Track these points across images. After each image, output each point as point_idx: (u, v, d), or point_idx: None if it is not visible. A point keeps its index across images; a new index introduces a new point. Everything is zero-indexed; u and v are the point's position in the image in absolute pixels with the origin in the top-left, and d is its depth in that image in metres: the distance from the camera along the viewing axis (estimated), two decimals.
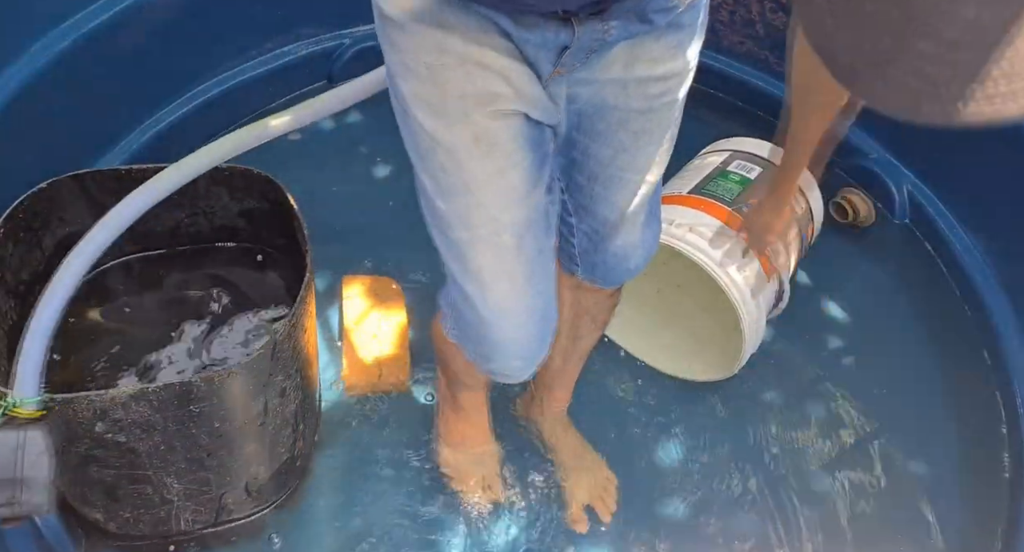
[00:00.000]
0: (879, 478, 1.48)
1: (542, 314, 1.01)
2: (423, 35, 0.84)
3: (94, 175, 1.27)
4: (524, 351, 1.02)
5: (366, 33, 1.88)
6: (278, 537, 1.35)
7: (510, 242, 0.93)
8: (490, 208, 0.91)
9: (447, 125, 0.88)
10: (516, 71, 0.88)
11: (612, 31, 0.87)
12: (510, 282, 0.95)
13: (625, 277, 1.19)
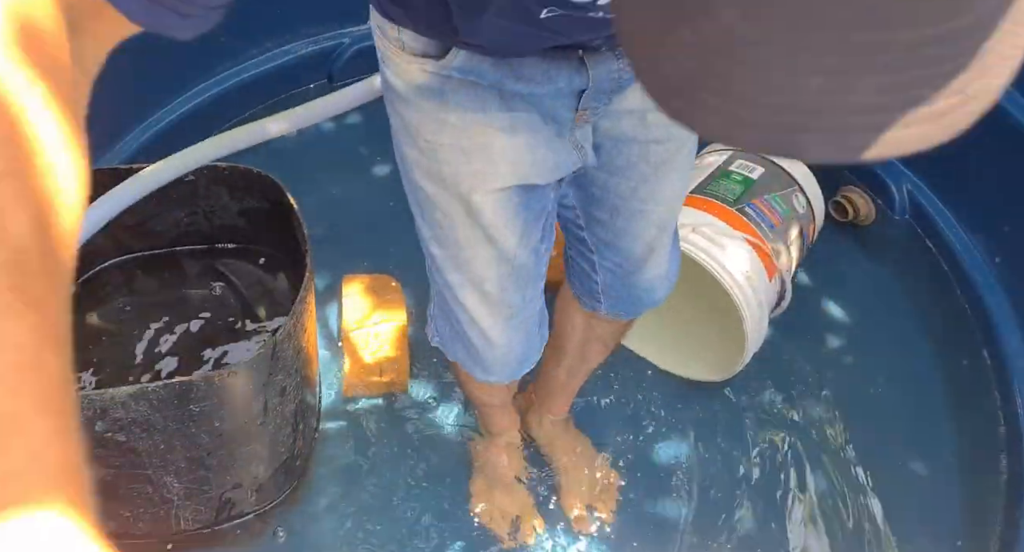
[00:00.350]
0: (878, 477, 1.48)
1: (524, 339, 1.07)
2: (425, 111, 0.85)
3: (93, 175, 1.26)
4: (507, 369, 1.10)
5: (366, 32, 1.88)
6: (281, 534, 1.35)
7: (493, 291, 1.00)
8: (476, 265, 0.97)
9: (441, 191, 0.92)
10: (521, 144, 0.87)
11: (628, 68, 0.84)
12: (492, 319, 1.03)
13: (650, 307, 1.16)
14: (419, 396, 1.52)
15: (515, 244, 0.97)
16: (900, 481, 1.48)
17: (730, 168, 1.60)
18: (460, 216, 0.94)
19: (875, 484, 1.47)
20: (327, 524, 1.38)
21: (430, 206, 0.96)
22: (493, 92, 0.84)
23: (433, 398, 1.52)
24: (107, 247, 1.40)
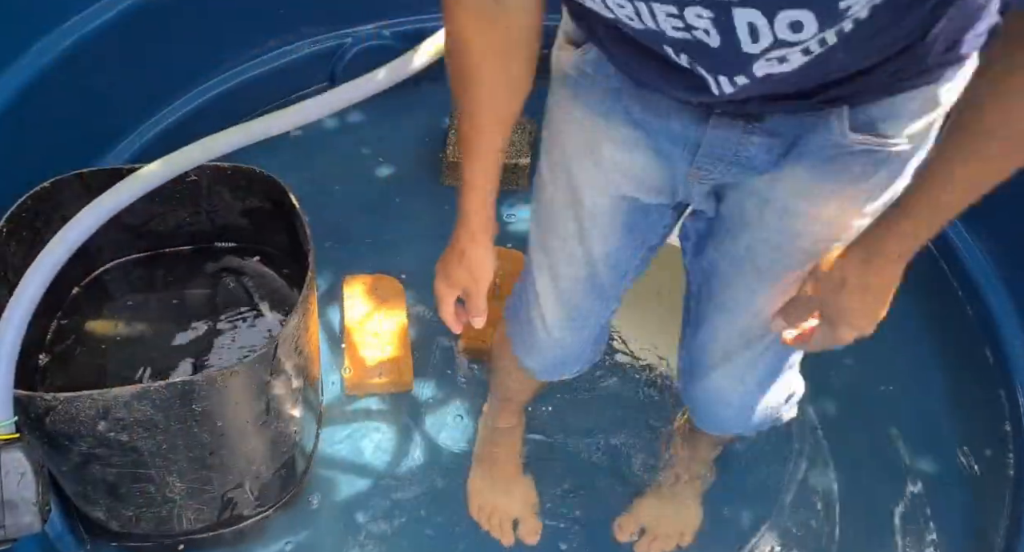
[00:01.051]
0: (881, 477, 1.48)
1: (577, 344, 1.10)
2: (559, 98, 0.91)
3: (96, 174, 1.27)
4: (549, 362, 1.14)
5: (368, 32, 1.88)
6: (283, 533, 1.35)
7: (565, 287, 1.03)
8: (560, 256, 1.01)
9: (556, 176, 0.96)
10: (635, 163, 0.88)
11: (752, 146, 0.80)
12: (556, 311, 1.06)
13: (722, 428, 1.13)
14: (420, 396, 1.52)
15: (602, 253, 0.98)
16: (903, 480, 1.48)
17: None
18: (563, 205, 0.96)
19: (878, 484, 1.47)
20: (329, 524, 1.38)
21: (543, 184, 0.99)
22: (620, 106, 0.85)
23: (434, 398, 1.52)
24: (110, 247, 1.40)
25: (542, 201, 0.99)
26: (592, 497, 1.43)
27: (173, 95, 1.71)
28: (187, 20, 1.62)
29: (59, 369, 1.31)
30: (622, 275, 1.04)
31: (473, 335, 1.55)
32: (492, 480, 1.41)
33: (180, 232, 1.42)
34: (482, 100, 0.88)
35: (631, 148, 0.88)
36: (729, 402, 1.07)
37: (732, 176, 0.86)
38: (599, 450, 1.48)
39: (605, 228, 0.97)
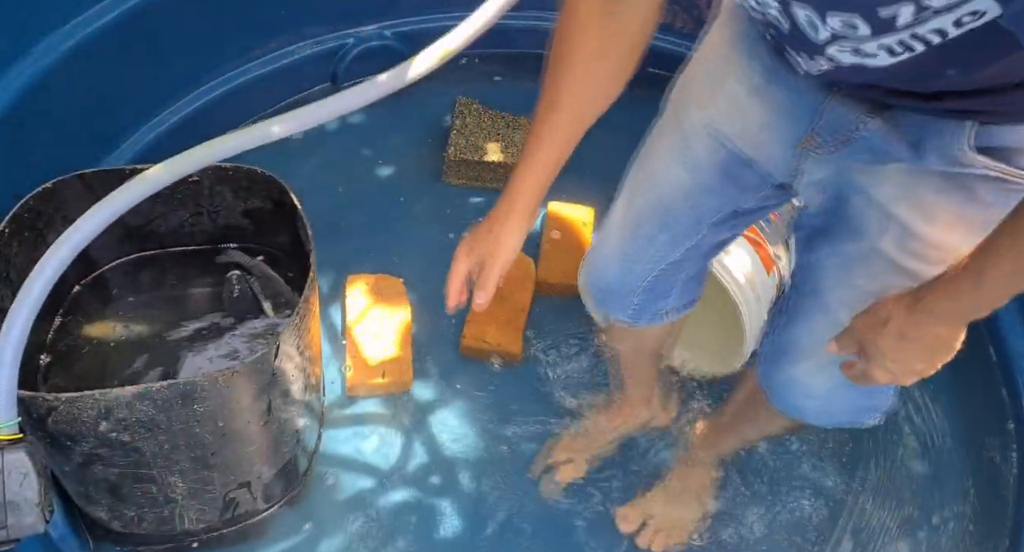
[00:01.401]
0: (884, 477, 1.48)
1: (622, 278, 1.12)
2: (719, 23, 0.94)
3: (98, 175, 1.27)
4: (594, 284, 1.17)
5: (370, 33, 1.88)
6: (285, 533, 1.35)
7: (638, 205, 1.06)
8: (649, 173, 1.04)
9: (674, 99, 1.01)
10: (756, 109, 0.89)
11: (870, 129, 0.80)
12: (617, 232, 1.11)
13: (791, 412, 1.12)
14: (422, 396, 1.52)
15: (686, 182, 1.00)
16: (905, 480, 1.48)
17: None
18: (672, 126, 1.00)
19: (880, 483, 1.47)
20: (331, 523, 1.38)
21: (667, 108, 1.02)
22: (761, 48, 0.86)
23: (436, 398, 1.53)
24: (112, 247, 1.41)
25: (656, 123, 1.03)
26: (597, 487, 1.44)
27: (175, 96, 1.72)
28: (189, 21, 1.63)
29: (61, 369, 1.32)
30: (695, 221, 1.03)
31: (474, 335, 1.55)
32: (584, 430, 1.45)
33: (182, 232, 1.42)
34: (572, 91, 0.89)
35: (753, 92, 0.89)
36: (814, 394, 1.06)
37: (841, 159, 0.85)
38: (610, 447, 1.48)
39: (700, 158, 0.98)
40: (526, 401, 1.53)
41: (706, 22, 1.00)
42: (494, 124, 1.82)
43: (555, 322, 1.62)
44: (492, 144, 1.78)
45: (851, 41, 0.68)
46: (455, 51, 1.12)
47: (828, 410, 1.09)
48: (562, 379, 1.56)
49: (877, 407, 1.09)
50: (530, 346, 1.58)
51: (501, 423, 1.50)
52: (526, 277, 1.64)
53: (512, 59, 2.00)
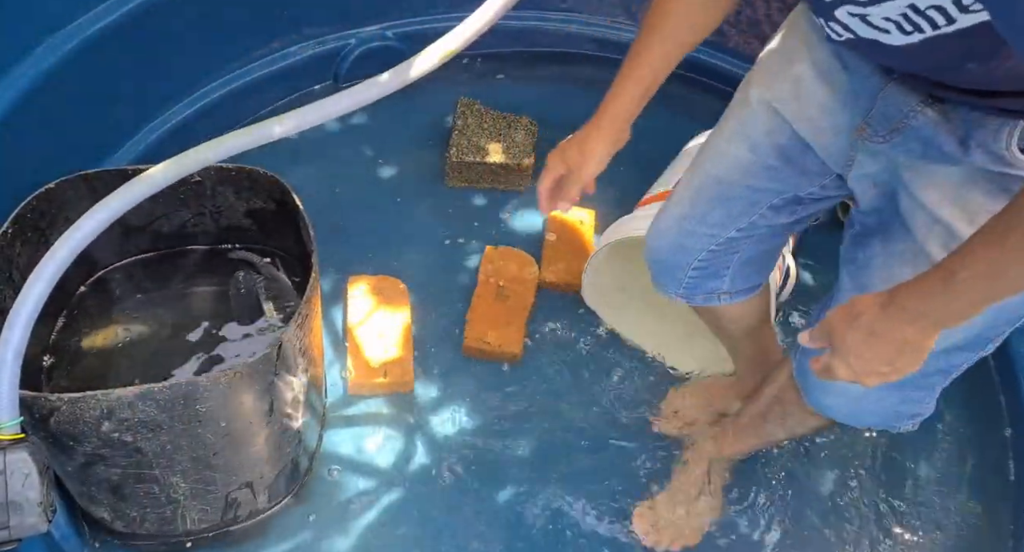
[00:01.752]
0: (882, 481, 1.48)
1: (676, 251, 1.15)
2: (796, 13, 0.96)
3: (101, 175, 1.28)
4: (651, 256, 1.20)
5: (372, 33, 1.89)
6: (287, 534, 1.35)
7: (695, 182, 1.10)
8: (708, 153, 1.07)
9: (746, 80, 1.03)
10: (818, 96, 0.92)
11: (921, 118, 0.82)
12: (676, 206, 1.13)
13: (822, 410, 1.11)
14: (423, 397, 1.52)
15: (744, 160, 1.03)
16: (904, 483, 1.48)
17: None
18: (739, 103, 1.03)
19: (879, 488, 1.47)
20: (332, 523, 1.38)
21: (740, 87, 1.05)
22: (820, 36, 0.88)
23: (437, 398, 1.53)
24: (115, 248, 1.41)
25: (731, 106, 1.05)
26: (611, 488, 1.44)
27: (178, 96, 1.72)
28: (192, 21, 1.63)
29: (63, 370, 1.32)
30: (751, 201, 1.05)
31: (474, 336, 1.55)
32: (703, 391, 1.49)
33: (184, 233, 1.42)
34: (667, 14, 0.98)
35: (819, 76, 0.91)
36: (848, 393, 1.06)
37: (892, 149, 0.87)
38: (610, 448, 1.48)
39: (759, 137, 1.00)
40: (527, 401, 1.53)
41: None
42: (496, 125, 1.82)
43: (557, 322, 1.62)
44: (494, 145, 1.78)
45: (855, 5, 0.71)
46: (456, 51, 1.13)
47: (859, 411, 1.08)
48: (563, 379, 1.56)
49: (918, 413, 1.08)
50: (531, 346, 1.59)
51: (502, 423, 1.50)
52: (527, 277, 1.64)
53: (515, 59, 2.00)
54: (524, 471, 1.45)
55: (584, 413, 1.52)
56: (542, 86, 1.99)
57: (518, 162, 1.77)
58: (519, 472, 1.45)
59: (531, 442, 1.49)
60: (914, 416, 1.08)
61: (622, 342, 1.60)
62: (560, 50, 2.02)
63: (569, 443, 1.49)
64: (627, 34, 1.98)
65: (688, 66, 1.95)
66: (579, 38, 2.00)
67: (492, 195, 1.80)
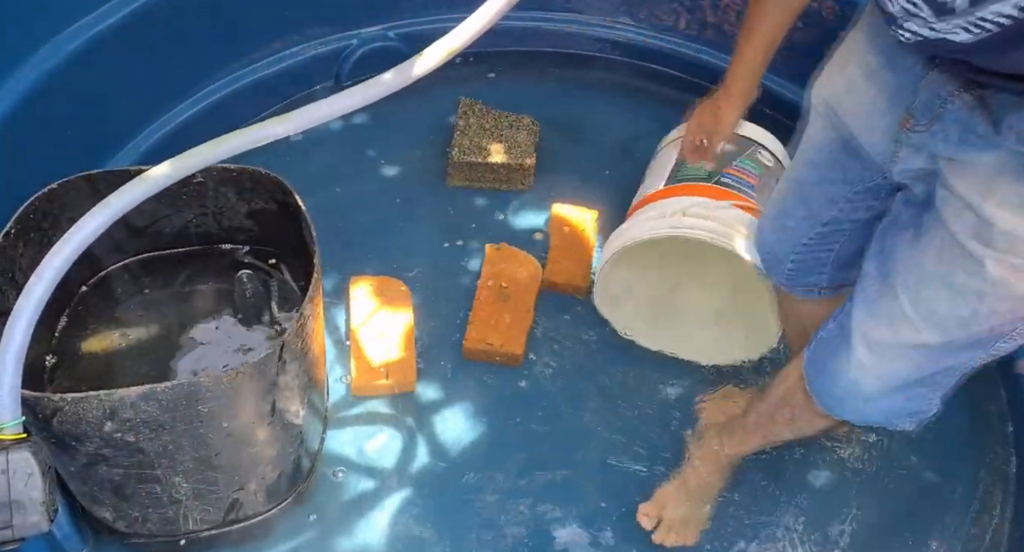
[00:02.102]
0: (884, 479, 1.48)
1: (775, 243, 1.23)
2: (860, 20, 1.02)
3: (104, 176, 1.28)
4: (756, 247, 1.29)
5: (374, 34, 1.89)
6: (289, 534, 1.35)
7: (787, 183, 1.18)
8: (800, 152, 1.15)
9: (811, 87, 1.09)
10: (866, 95, 0.96)
11: (954, 104, 0.85)
12: (774, 204, 1.22)
13: (829, 405, 1.12)
14: (425, 397, 1.52)
15: (812, 159, 1.10)
16: (906, 482, 1.48)
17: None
18: (811, 106, 1.09)
19: (879, 485, 1.47)
20: (334, 524, 1.38)
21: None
22: (882, 39, 0.92)
23: (439, 399, 1.53)
24: (118, 248, 1.41)
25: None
26: (614, 489, 1.44)
27: (180, 97, 1.72)
28: (193, 22, 1.63)
29: (66, 370, 1.32)
30: (828, 198, 1.10)
31: (476, 337, 1.55)
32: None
33: (186, 233, 1.42)
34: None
35: (869, 76, 0.96)
36: (851, 387, 1.07)
37: (932, 139, 0.89)
38: (614, 449, 1.48)
39: (819, 134, 1.07)
40: (529, 402, 1.53)
41: (708, 24, 1.03)
42: (497, 124, 1.82)
43: (559, 322, 1.62)
44: (495, 145, 1.79)
45: (921, 19, 0.75)
46: (457, 50, 1.12)
47: (865, 408, 1.08)
48: (565, 380, 1.56)
49: (920, 411, 1.09)
50: (533, 347, 1.58)
51: (504, 424, 1.50)
52: (530, 278, 1.64)
53: (516, 59, 2.01)
54: (526, 472, 1.45)
55: (587, 414, 1.52)
56: (544, 86, 2.00)
57: (520, 162, 1.77)
58: (521, 473, 1.45)
59: (533, 443, 1.49)
60: (915, 413, 1.09)
61: (624, 343, 1.60)
62: (561, 50, 2.02)
63: (572, 444, 1.49)
64: (628, 34, 1.98)
65: (692, 67, 1.97)
66: (580, 38, 2.00)
67: (494, 195, 1.80)
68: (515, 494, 1.43)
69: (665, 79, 1.99)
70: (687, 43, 1.96)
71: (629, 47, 1.99)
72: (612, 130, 1.90)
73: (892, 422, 1.11)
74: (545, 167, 1.82)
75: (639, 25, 1.97)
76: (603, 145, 1.88)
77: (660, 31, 1.97)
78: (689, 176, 1.55)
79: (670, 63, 1.99)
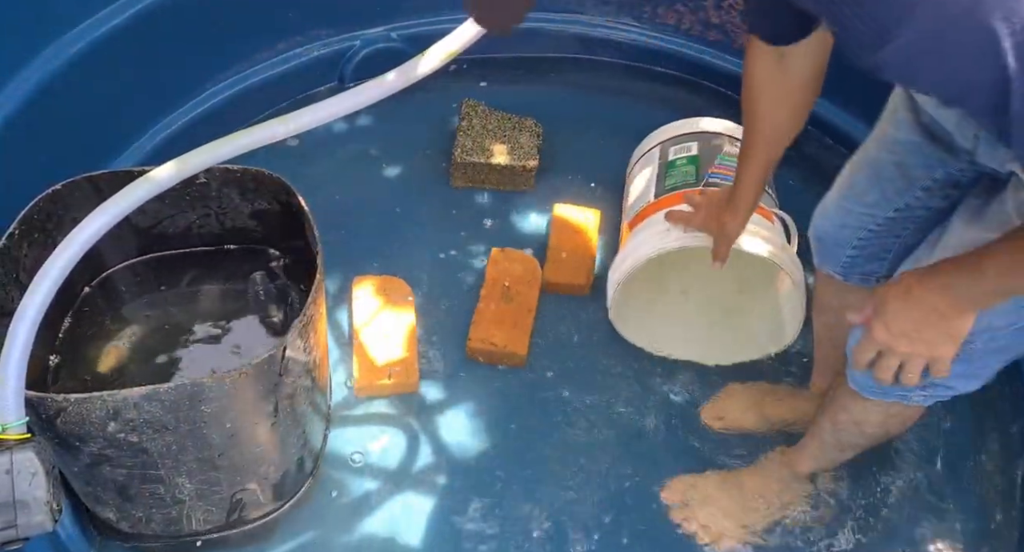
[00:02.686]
0: (887, 479, 1.47)
1: (838, 226, 1.22)
2: None
3: (107, 176, 1.28)
4: (815, 231, 1.26)
5: (377, 35, 1.89)
6: (292, 535, 1.35)
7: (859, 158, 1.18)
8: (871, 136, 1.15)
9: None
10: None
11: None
12: (839, 188, 1.21)
13: (856, 381, 1.14)
14: (428, 397, 1.53)
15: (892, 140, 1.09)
16: (909, 482, 1.47)
17: (671, 159, 1.62)
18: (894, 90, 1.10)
19: (885, 485, 1.47)
20: (337, 524, 1.38)
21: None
22: None
23: (442, 399, 1.53)
24: (121, 249, 1.41)
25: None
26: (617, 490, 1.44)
27: (183, 98, 1.73)
28: (197, 24, 1.64)
29: (70, 370, 1.32)
30: (906, 183, 1.09)
31: (480, 337, 1.55)
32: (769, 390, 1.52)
33: (190, 234, 1.43)
34: (763, 130, 1.16)
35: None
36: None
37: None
38: (617, 450, 1.48)
39: (902, 113, 1.06)
40: (532, 403, 1.53)
41: (711, 25, 1.02)
42: (500, 125, 1.82)
43: (562, 324, 1.62)
44: (498, 146, 1.79)
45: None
46: (460, 50, 1.12)
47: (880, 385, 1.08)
48: (568, 381, 1.56)
49: (931, 389, 1.10)
50: (536, 347, 1.58)
51: (507, 424, 1.50)
52: (532, 279, 1.64)
53: (519, 60, 2.01)
54: (529, 473, 1.45)
55: (590, 415, 1.52)
56: (547, 88, 2.00)
57: (523, 163, 1.77)
58: (524, 474, 1.45)
59: (536, 443, 1.48)
60: (932, 389, 1.09)
61: (626, 343, 1.60)
62: (564, 53, 2.02)
63: (575, 445, 1.49)
64: (631, 35, 1.98)
65: (697, 69, 1.97)
66: (583, 40, 2.00)
67: (497, 196, 1.80)
68: (518, 494, 1.43)
69: (668, 80, 1.99)
70: (688, 43, 1.96)
71: (632, 48, 1.99)
72: (615, 132, 1.90)
73: (905, 395, 1.12)
74: (548, 168, 1.82)
75: (642, 26, 1.98)
76: (606, 147, 1.88)
77: (662, 32, 1.97)
78: (677, 184, 1.55)
79: (673, 65, 1.99)
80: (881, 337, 0.98)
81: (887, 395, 1.14)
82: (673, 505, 1.40)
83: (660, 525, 1.41)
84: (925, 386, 1.09)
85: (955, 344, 0.95)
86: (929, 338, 0.95)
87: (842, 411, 1.24)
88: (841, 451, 1.33)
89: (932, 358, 0.97)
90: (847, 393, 1.19)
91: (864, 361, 1.02)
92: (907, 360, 0.99)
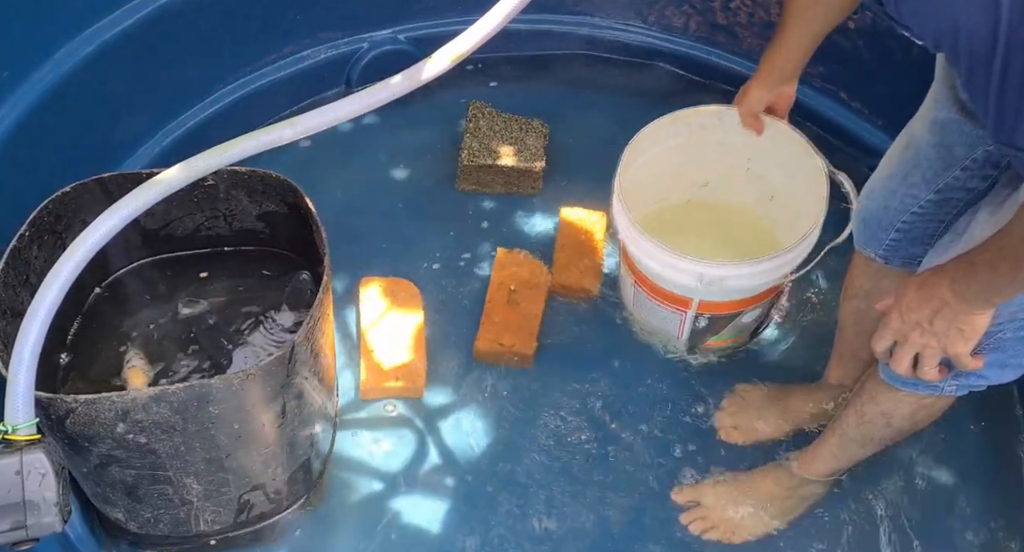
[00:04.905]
0: (895, 485, 1.46)
1: (881, 209, 1.20)
2: None
3: (117, 179, 1.29)
4: (860, 212, 1.25)
5: (385, 37, 1.89)
6: (299, 536, 1.36)
7: (904, 138, 1.16)
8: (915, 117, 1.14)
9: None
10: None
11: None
12: (884, 167, 1.20)
13: (884, 371, 1.13)
14: (435, 400, 1.53)
15: (932, 118, 1.08)
16: (919, 489, 1.46)
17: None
18: (937, 64, 1.08)
19: (893, 491, 1.46)
20: (344, 526, 1.39)
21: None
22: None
23: (449, 401, 1.53)
24: (130, 251, 1.42)
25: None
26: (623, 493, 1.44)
27: (192, 100, 1.73)
28: (205, 27, 1.64)
29: (79, 371, 1.33)
30: (945, 162, 1.07)
31: (488, 339, 1.55)
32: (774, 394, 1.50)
33: (198, 236, 1.43)
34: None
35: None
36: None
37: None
38: (624, 454, 1.48)
39: (943, 90, 1.04)
40: (539, 404, 1.53)
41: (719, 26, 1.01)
42: (507, 128, 1.82)
43: (568, 326, 1.62)
44: (505, 148, 1.79)
45: None
46: (467, 53, 1.13)
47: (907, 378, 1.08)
48: (574, 383, 1.55)
49: (962, 378, 1.09)
50: (543, 350, 1.58)
51: (514, 426, 1.50)
52: (539, 281, 1.64)
53: (525, 62, 2.01)
54: (535, 476, 1.45)
55: (596, 418, 1.52)
56: (554, 89, 1.99)
57: (530, 165, 1.77)
58: (530, 477, 1.45)
59: (542, 447, 1.48)
60: (963, 378, 1.08)
61: (633, 345, 1.60)
62: (572, 53, 2.02)
63: (581, 449, 1.49)
64: (639, 37, 1.98)
65: (702, 69, 1.96)
66: (590, 41, 2.00)
67: (503, 199, 1.80)
68: (525, 498, 1.43)
69: (676, 82, 1.98)
70: (695, 45, 1.95)
71: (641, 50, 1.99)
72: (622, 134, 1.89)
73: (935, 384, 1.10)
74: (554, 170, 1.82)
75: (649, 27, 1.97)
76: (612, 149, 1.88)
77: (670, 33, 1.96)
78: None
79: (681, 66, 1.98)
80: (895, 325, 0.99)
81: (918, 387, 1.13)
82: (685, 506, 1.40)
83: (671, 527, 1.40)
84: (957, 375, 1.08)
85: (967, 340, 0.95)
86: (940, 330, 0.95)
87: (871, 403, 1.21)
88: (862, 446, 1.30)
89: (945, 351, 0.98)
90: (877, 385, 1.18)
91: (881, 349, 1.03)
92: (921, 351, 1.00)
